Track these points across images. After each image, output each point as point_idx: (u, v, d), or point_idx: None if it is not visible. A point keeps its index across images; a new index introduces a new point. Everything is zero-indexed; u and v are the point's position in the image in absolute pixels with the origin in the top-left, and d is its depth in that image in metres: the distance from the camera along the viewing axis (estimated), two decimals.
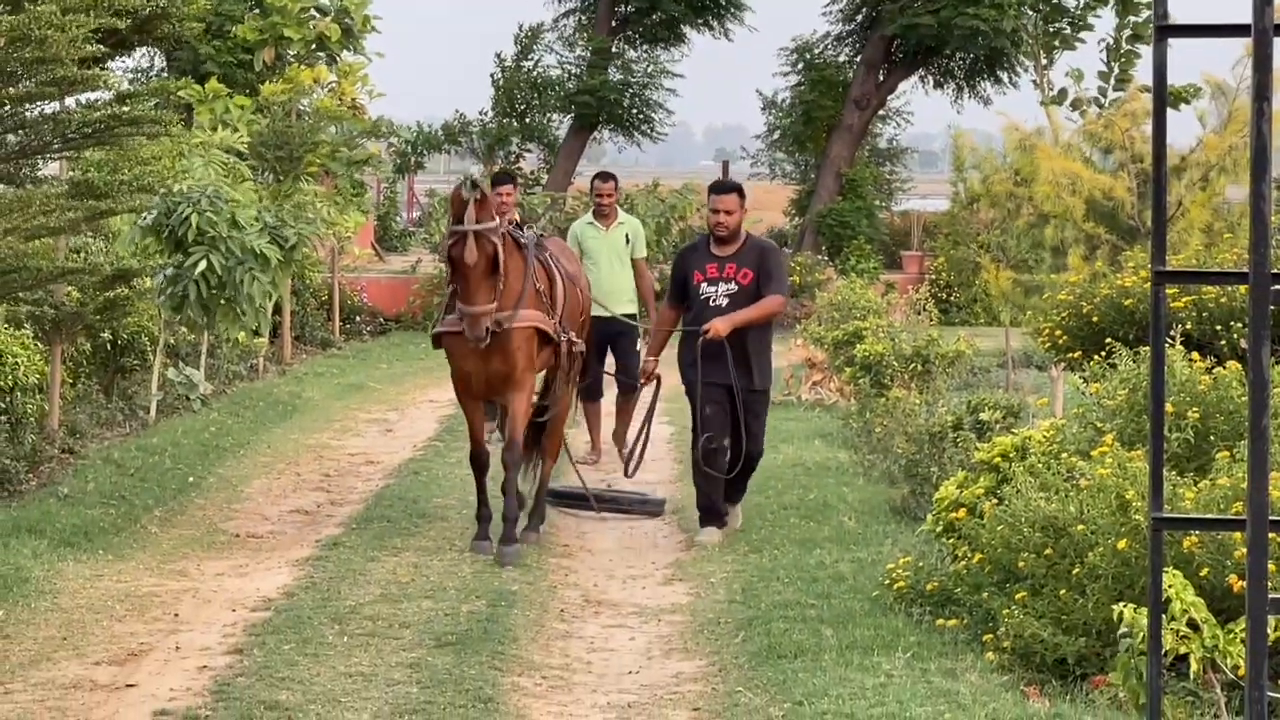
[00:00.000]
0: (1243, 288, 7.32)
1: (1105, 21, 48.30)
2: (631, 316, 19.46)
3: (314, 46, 37.10)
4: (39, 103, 17.57)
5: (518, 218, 16.53)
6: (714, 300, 14.98)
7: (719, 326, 14.63)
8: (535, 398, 16.16)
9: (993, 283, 36.19)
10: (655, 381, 16.40)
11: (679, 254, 16.28)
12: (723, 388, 14.89)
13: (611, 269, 19.68)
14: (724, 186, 15.73)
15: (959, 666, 10.81)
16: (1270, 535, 7.56)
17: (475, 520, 15.23)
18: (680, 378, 15.66)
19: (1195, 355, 13.47)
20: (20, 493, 16.83)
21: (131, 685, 10.65)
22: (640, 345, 18.61)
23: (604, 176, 20.86)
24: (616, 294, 19.22)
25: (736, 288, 14.93)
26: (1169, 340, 11.72)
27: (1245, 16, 6.99)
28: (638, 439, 16.88)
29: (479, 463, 15.33)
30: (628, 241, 19.96)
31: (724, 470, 15.01)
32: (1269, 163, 6.98)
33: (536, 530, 15.71)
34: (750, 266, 14.99)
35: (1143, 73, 46.37)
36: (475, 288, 14.28)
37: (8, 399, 18.19)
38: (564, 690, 10.84)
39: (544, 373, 16.18)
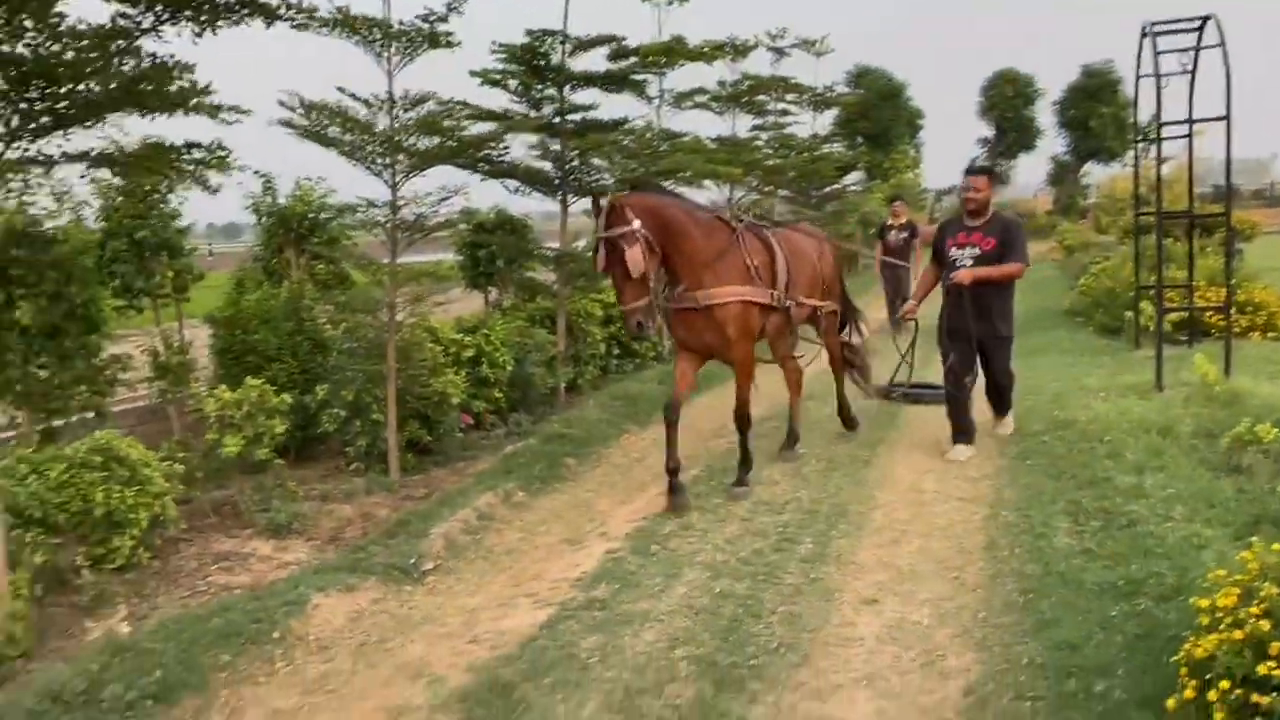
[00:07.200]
0: None
1: None
2: None
3: None
4: None
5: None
6: (960, 262, 11.90)
7: (961, 275, 11.68)
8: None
9: None
10: (914, 323, 12.87)
11: (939, 227, 12.74)
12: (967, 334, 11.89)
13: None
14: (975, 169, 12.30)
15: None
16: None
17: (666, 473, 10.33)
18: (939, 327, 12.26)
19: None
20: None
21: None
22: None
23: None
24: None
25: (979, 252, 11.86)
26: None
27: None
28: (901, 366, 13.42)
29: (670, 411, 10.26)
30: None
31: (967, 394, 12.06)
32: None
33: (793, 448, 12.03)
34: (994, 236, 11.87)
35: None
36: (620, 287, 9.78)
37: None
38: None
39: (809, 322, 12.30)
